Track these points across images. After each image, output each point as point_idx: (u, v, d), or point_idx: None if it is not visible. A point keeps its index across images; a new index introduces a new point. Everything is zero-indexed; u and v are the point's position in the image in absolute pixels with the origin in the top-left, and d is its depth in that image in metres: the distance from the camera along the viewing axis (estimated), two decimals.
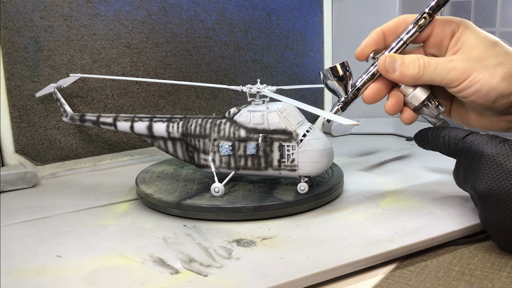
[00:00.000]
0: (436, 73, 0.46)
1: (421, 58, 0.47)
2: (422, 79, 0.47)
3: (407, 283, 0.40)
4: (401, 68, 0.47)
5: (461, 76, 0.45)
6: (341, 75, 0.49)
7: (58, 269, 0.42)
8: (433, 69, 0.46)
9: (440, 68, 0.46)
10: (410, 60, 0.47)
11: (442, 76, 0.46)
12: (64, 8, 0.69)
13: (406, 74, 0.47)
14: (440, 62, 0.46)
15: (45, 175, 0.70)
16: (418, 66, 0.46)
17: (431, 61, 0.46)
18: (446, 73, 0.45)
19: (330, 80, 0.50)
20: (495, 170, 0.42)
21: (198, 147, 0.56)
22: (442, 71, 0.45)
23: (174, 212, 0.52)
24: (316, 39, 0.90)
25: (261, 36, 0.85)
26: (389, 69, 0.48)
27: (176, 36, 0.77)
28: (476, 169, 0.43)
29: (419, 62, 0.46)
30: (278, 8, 0.85)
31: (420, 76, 0.46)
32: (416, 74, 0.47)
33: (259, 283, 0.38)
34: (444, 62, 0.46)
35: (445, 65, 0.46)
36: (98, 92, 0.73)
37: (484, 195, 0.42)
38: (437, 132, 0.48)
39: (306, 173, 0.53)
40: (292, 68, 0.89)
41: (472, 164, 0.44)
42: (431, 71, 0.46)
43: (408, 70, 0.47)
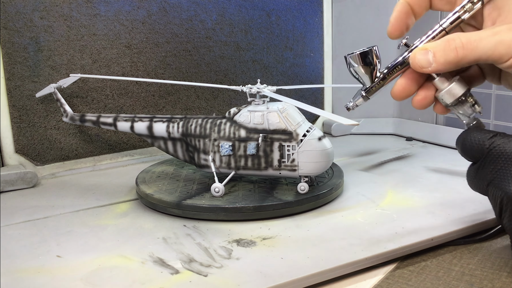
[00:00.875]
0: (480, 51, 0.39)
1: (456, 37, 0.39)
2: (466, 60, 0.39)
3: (407, 283, 0.40)
4: (436, 57, 0.40)
5: (509, 49, 0.38)
6: (368, 61, 0.44)
7: (58, 269, 0.42)
8: (475, 46, 0.39)
9: (483, 44, 0.39)
10: (444, 44, 0.40)
11: (488, 53, 0.39)
12: (64, 8, 0.69)
13: (445, 61, 0.40)
14: (482, 37, 0.39)
15: (45, 175, 0.70)
16: (455, 48, 0.39)
17: (470, 38, 0.39)
18: (492, 48, 0.38)
19: (356, 66, 0.45)
20: None
21: (198, 147, 0.56)
22: (487, 47, 0.39)
23: (174, 212, 0.52)
24: (316, 39, 0.90)
25: (261, 36, 0.85)
26: (423, 64, 0.41)
27: (176, 36, 0.77)
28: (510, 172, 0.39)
29: (455, 42, 0.39)
30: (278, 8, 0.85)
31: (461, 57, 0.39)
32: (455, 57, 0.40)
33: (259, 283, 0.38)
34: (488, 36, 0.39)
35: (489, 39, 0.39)
36: (98, 92, 0.73)
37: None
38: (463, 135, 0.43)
39: (306, 173, 0.53)
40: (292, 68, 0.89)
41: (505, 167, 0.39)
42: (473, 49, 0.39)
43: (446, 56, 0.40)
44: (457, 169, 0.66)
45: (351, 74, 0.46)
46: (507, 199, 0.39)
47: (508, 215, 0.39)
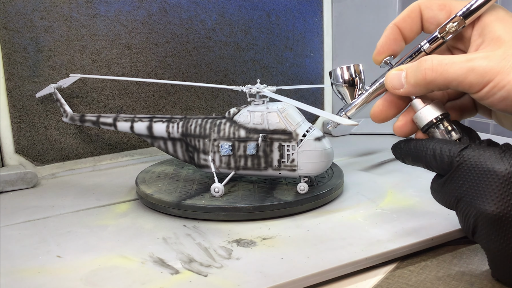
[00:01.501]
0: (450, 75, 0.37)
1: (429, 58, 0.38)
2: (435, 83, 0.38)
3: (407, 283, 0.40)
4: (407, 78, 0.39)
5: (481, 79, 0.36)
6: (350, 79, 0.43)
7: (58, 269, 0.42)
8: (445, 70, 0.37)
9: (454, 69, 0.36)
10: (416, 65, 0.38)
11: (458, 80, 0.36)
12: (64, 9, 0.69)
13: (414, 82, 0.38)
14: (455, 61, 0.37)
15: (45, 175, 0.70)
16: (424, 69, 0.38)
17: (442, 61, 0.37)
18: (463, 75, 0.36)
19: (338, 84, 0.44)
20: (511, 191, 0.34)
21: (198, 147, 0.56)
22: (457, 73, 0.36)
23: (174, 212, 0.52)
24: (316, 39, 0.90)
25: (261, 37, 0.85)
26: (395, 85, 0.40)
27: (176, 37, 0.77)
28: (483, 189, 0.35)
29: (426, 64, 0.38)
30: (278, 8, 0.85)
31: (430, 80, 0.37)
32: (423, 79, 0.38)
33: (259, 283, 0.38)
34: (461, 62, 0.36)
35: (461, 64, 0.36)
36: (98, 93, 0.73)
37: (497, 219, 0.35)
38: (424, 144, 0.40)
39: (306, 173, 0.53)
40: (292, 68, 0.89)
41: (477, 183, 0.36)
42: (442, 73, 0.37)
43: (415, 78, 0.38)
44: None
45: (333, 90, 0.45)
46: (483, 218, 0.35)
47: (485, 234, 0.36)
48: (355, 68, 0.44)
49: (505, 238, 0.35)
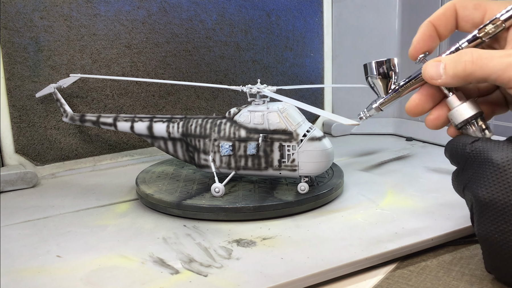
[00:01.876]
0: (489, 69, 0.37)
1: (469, 51, 0.39)
2: (474, 76, 0.38)
3: (407, 283, 0.40)
4: (446, 69, 0.40)
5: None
6: (385, 72, 0.44)
7: (58, 269, 0.42)
8: (485, 64, 0.38)
9: (494, 63, 0.37)
10: (456, 57, 0.39)
11: (498, 73, 0.37)
12: (64, 8, 0.69)
13: (453, 74, 0.39)
14: (495, 56, 0.38)
15: (45, 175, 0.70)
16: (464, 62, 0.38)
17: (482, 55, 0.38)
18: (502, 69, 0.37)
19: (373, 76, 0.44)
20: (503, 179, 0.36)
21: (198, 147, 0.56)
22: (497, 67, 0.37)
23: (174, 212, 0.52)
24: (316, 40, 0.90)
25: (261, 36, 0.85)
26: (433, 75, 0.40)
27: (176, 36, 0.77)
28: (481, 176, 0.38)
29: (466, 56, 0.38)
30: (278, 8, 0.85)
31: (469, 72, 0.38)
32: (463, 71, 0.39)
33: (259, 283, 0.38)
34: (500, 57, 0.37)
35: (501, 59, 0.37)
36: (98, 92, 0.73)
37: (487, 204, 0.37)
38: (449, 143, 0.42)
39: (306, 173, 0.53)
40: (292, 68, 0.89)
41: (478, 171, 0.38)
42: (482, 67, 0.38)
43: (454, 69, 0.39)
44: None
45: (367, 83, 0.46)
46: (476, 202, 0.38)
47: (476, 218, 0.38)
48: (391, 62, 0.44)
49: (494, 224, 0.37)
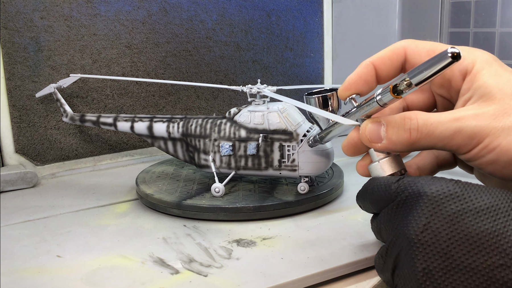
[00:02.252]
0: (435, 137, 0.34)
1: (414, 116, 0.35)
2: (419, 144, 0.35)
3: None
4: (388, 134, 0.36)
5: (469, 141, 0.33)
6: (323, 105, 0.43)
7: (58, 269, 0.42)
8: (431, 131, 0.34)
9: (440, 130, 0.34)
10: (399, 122, 0.35)
11: (444, 141, 0.34)
12: (64, 8, 0.69)
13: (397, 140, 0.35)
14: (441, 121, 0.34)
15: (45, 175, 0.70)
16: (409, 129, 0.35)
17: (428, 120, 0.34)
18: (449, 136, 0.34)
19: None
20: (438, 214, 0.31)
21: (198, 147, 0.56)
22: (443, 134, 0.34)
23: (174, 212, 0.52)
24: (316, 40, 0.90)
25: (261, 37, 0.85)
26: (372, 138, 0.37)
27: (176, 37, 0.77)
28: (411, 214, 0.32)
29: (411, 122, 0.35)
30: (278, 8, 0.85)
31: (414, 141, 0.35)
32: (407, 139, 0.35)
33: (259, 283, 0.38)
34: (447, 121, 0.34)
35: (448, 125, 0.34)
36: (98, 92, 0.73)
37: (414, 242, 0.31)
38: (366, 185, 0.38)
39: (306, 173, 0.53)
40: (292, 69, 0.89)
41: (407, 208, 0.33)
42: (428, 134, 0.34)
43: (398, 136, 0.35)
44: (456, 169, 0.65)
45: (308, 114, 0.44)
46: (406, 246, 0.32)
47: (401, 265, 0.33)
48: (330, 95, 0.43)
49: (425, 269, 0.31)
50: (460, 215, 0.31)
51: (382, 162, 0.37)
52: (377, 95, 0.36)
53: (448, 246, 0.30)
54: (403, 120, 0.35)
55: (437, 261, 0.31)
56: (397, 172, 0.37)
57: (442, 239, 0.31)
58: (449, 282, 0.30)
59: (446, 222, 0.31)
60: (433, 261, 0.31)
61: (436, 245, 0.31)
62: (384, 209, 0.35)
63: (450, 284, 0.30)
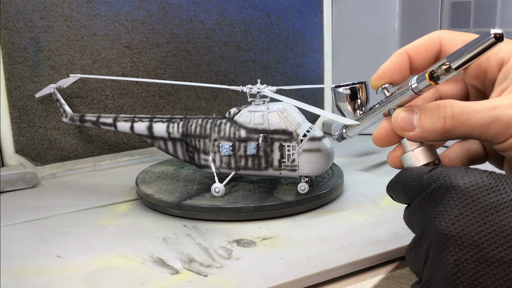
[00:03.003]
0: (472, 125, 0.33)
1: (449, 104, 0.34)
2: (454, 133, 0.34)
3: (407, 283, 0.40)
4: (421, 122, 0.35)
5: (506, 130, 0.32)
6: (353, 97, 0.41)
7: (58, 269, 0.42)
8: (467, 119, 0.33)
9: (477, 118, 0.33)
10: (434, 110, 0.34)
11: (481, 130, 0.33)
12: (64, 9, 0.69)
13: (430, 129, 0.34)
14: (478, 110, 0.33)
15: (45, 175, 0.70)
16: (443, 117, 0.34)
17: (464, 109, 0.33)
18: (486, 125, 0.33)
19: (341, 101, 0.42)
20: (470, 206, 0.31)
21: (198, 147, 0.56)
22: (480, 123, 0.33)
23: (174, 212, 0.52)
24: (316, 40, 0.90)
25: (261, 37, 0.85)
26: (405, 126, 0.35)
27: (176, 37, 0.77)
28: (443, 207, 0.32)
29: (446, 110, 0.34)
30: (278, 8, 0.85)
31: (449, 129, 0.34)
32: (442, 128, 0.34)
33: (259, 283, 0.38)
34: (484, 110, 0.33)
35: (485, 113, 0.33)
36: (98, 93, 0.73)
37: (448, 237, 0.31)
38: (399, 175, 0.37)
39: (306, 173, 0.53)
40: (292, 69, 0.89)
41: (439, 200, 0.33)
42: (464, 122, 0.33)
43: (432, 124, 0.34)
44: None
45: (336, 107, 0.44)
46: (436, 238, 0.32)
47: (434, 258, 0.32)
48: (357, 87, 0.42)
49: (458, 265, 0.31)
50: (493, 207, 0.30)
51: (416, 151, 0.36)
52: (412, 83, 0.35)
53: (481, 239, 0.30)
54: (438, 108, 0.34)
55: (468, 253, 0.30)
56: (430, 162, 0.36)
57: (474, 231, 0.30)
58: (481, 275, 0.30)
59: (479, 214, 0.30)
60: (465, 253, 0.30)
61: (468, 237, 0.30)
62: (416, 200, 0.35)
63: (482, 277, 0.30)
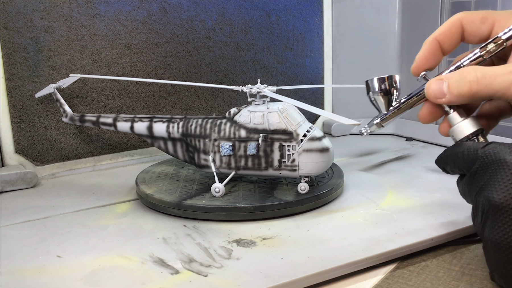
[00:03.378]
0: (494, 87, 0.38)
1: (472, 70, 0.39)
2: (479, 95, 0.39)
3: (407, 283, 0.40)
4: (450, 88, 0.40)
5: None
6: (387, 89, 0.45)
7: (58, 269, 0.42)
8: (490, 82, 0.38)
9: (498, 81, 0.38)
10: (459, 76, 0.40)
11: (502, 91, 0.38)
12: (64, 9, 0.69)
13: (458, 93, 0.40)
14: (498, 74, 0.38)
15: (45, 175, 0.70)
16: (469, 82, 0.39)
17: (486, 74, 0.39)
18: (506, 87, 0.38)
19: (375, 92, 0.45)
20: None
21: (198, 147, 0.56)
22: (502, 85, 0.38)
23: (174, 212, 0.52)
24: (316, 40, 0.90)
25: (261, 37, 0.85)
26: (436, 94, 0.41)
27: (176, 37, 0.77)
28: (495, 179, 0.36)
29: (470, 76, 0.39)
30: (278, 8, 0.85)
31: (475, 92, 0.39)
32: (468, 91, 0.39)
33: (259, 283, 0.38)
34: (504, 74, 0.38)
35: (505, 77, 0.38)
36: (98, 93, 0.73)
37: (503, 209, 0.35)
38: (456, 148, 0.42)
39: (306, 173, 0.53)
40: (292, 69, 0.89)
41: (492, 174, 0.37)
42: (487, 86, 0.38)
43: (459, 89, 0.40)
44: None
45: (369, 99, 0.47)
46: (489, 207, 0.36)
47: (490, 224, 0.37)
48: (392, 78, 0.45)
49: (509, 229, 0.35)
50: None
51: (462, 123, 0.42)
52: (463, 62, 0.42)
53: None
54: (463, 74, 0.39)
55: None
56: (477, 130, 0.42)
57: None
58: None
59: None
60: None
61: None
62: (469, 172, 0.39)
63: None
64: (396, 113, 0.46)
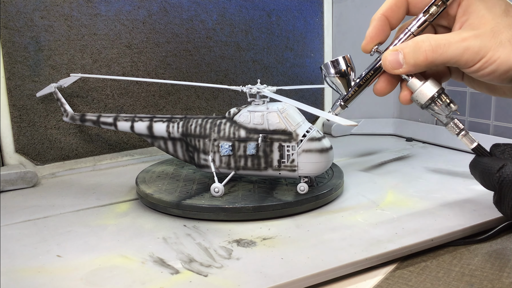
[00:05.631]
0: (448, 55, 0.40)
1: (426, 39, 0.41)
2: (435, 63, 0.41)
3: (407, 284, 0.40)
4: (406, 58, 0.42)
5: (475, 56, 0.40)
6: (343, 70, 0.46)
7: (58, 269, 0.42)
8: (444, 51, 0.40)
9: (452, 49, 0.40)
10: (414, 46, 0.41)
11: (456, 58, 0.40)
12: (65, 8, 0.69)
13: (414, 63, 0.42)
14: (451, 42, 0.40)
15: (45, 174, 0.70)
16: (424, 51, 0.41)
17: (440, 42, 0.41)
18: (460, 54, 0.40)
19: (331, 75, 0.46)
20: None
21: (198, 147, 0.56)
22: (455, 53, 0.40)
23: (174, 212, 0.52)
24: (317, 40, 0.90)
25: (262, 37, 0.85)
26: (394, 65, 0.43)
27: (177, 36, 0.77)
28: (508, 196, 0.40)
29: (425, 45, 0.41)
30: (279, 8, 0.85)
31: (431, 61, 0.41)
32: (424, 60, 0.41)
33: (259, 283, 0.38)
34: (456, 42, 0.40)
35: (458, 45, 0.40)
36: (99, 92, 0.73)
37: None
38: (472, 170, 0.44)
39: (306, 174, 0.53)
40: (292, 69, 0.89)
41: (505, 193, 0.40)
42: (442, 54, 0.40)
43: (415, 59, 0.41)
44: (457, 170, 0.66)
45: (327, 83, 0.47)
46: None
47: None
48: (345, 59, 0.46)
49: None
50: None
51: (422, 88, 0.43)
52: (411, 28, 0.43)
53: None
54: (417, 43, 0.41)
55: None
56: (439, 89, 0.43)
57: None
58: None
59: None
60: None
61: None
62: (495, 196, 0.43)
63: None
64: (357, 91, 0.47)
